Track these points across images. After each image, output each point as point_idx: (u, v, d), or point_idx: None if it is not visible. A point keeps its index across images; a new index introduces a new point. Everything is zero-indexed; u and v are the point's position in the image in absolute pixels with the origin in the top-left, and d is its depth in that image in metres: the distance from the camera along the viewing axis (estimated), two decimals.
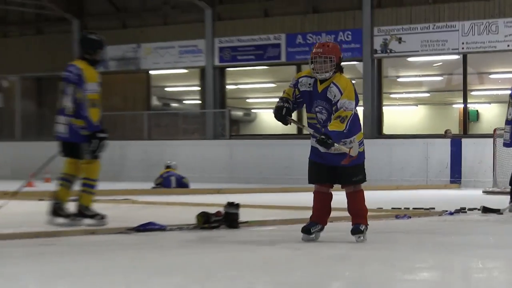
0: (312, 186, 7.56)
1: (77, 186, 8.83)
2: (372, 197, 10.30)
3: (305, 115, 7.17)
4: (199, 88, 26.29)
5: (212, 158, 23.32)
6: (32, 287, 5.03)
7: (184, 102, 29.50)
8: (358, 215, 6.94)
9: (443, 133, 22.07)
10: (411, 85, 26.25)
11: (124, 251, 6.76)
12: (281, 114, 6.70)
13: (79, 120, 8.61)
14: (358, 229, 6.79)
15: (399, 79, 25.70)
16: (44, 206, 8.84)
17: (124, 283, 4.93)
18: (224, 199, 9.84)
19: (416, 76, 24.90)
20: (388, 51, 22.24)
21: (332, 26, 23.21)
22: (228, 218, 9.03)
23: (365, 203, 7.08)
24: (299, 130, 22.41)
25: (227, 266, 5.78)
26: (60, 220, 8.48)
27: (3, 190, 13.08)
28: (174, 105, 29.27)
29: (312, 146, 6.98)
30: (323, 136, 6.54)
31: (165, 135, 26.10)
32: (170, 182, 18.41)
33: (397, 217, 10.50)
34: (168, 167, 19.14)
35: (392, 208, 11.36)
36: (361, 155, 6.80)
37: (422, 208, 11.47)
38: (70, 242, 7.45)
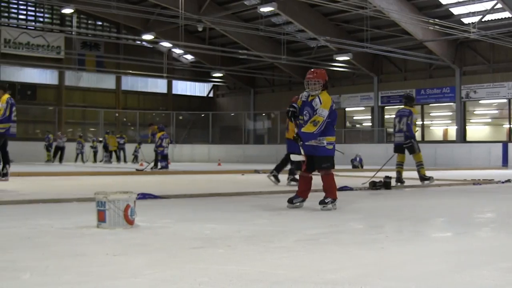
0: None
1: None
2: (464, 174, 16.41)
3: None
4: (370, 117, 41.25)
5: (376, 153, 34.67)
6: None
7: (363, 124, 43.91)
8: (327, 191, 8.42)
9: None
10: (481, 115, 38.09)
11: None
12: (289, 115, 8.46)
13: None
14: (323, 201, 8.30)
15: (475, 112, 37.80)
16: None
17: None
18: (383, 174, 13.83)
19: (483, 110, 37.06)
20: (469, 97, 35.69)
21: (439, 84, 37.09)
22: (385, 184, 12.88)
23: (335, 183, 8.54)
24: (422, 136, 38.16)
25: (383, 208, 9.10)
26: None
27: None
28: (358, 125, 44.19)
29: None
30: (295, 135, 8.41)
31: (352, 142, 39.23)
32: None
33: (474, 183, 14.83)
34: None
35: (472, 179, 15.91)
36: (331, 151, 8.43)
37: (488, 179, 15.70)
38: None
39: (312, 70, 8.64)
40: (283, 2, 32.66)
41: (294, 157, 8.73)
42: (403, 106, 14.59)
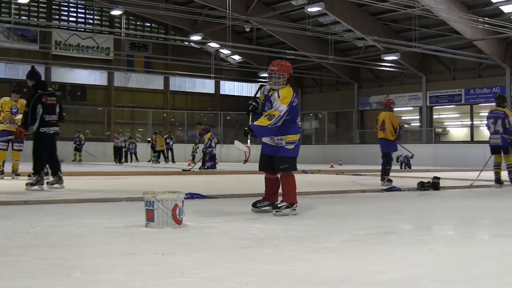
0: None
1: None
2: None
3: None
4: (419, 117, 40.90)
5: (424, 153, 34.90)
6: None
7: (411, 124, 43.55)
8: (285, 194, 7.64)
9: None
10: None
11: (381, 200, 10.57)
12: (247, 110, 7.70)
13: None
14: (276, 206, 7.53)
15: None
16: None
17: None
18: (431, 174, 14.16)
19: None
20: None
21: (489, 84, 36.65)
22: (434, 185, 12.73)
23: (295, 186, 7.71)
24: (471, 136, 37.57)
25: (432, 209, 9.21)
26: None
27: None
28: (406, 125, 43.27)
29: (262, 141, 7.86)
30: (246, 128, 7.41)
31: (400, 142, 40.81)
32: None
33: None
34: None
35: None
36: (292, 151, 7.64)
37: None
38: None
39: (277, 61, 7.79)
40: (331, 2, 32.55)
41: (237, 144, 7.66)
42: (495, 107, 14.53)
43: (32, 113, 11.04)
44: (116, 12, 37.75)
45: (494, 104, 14.82)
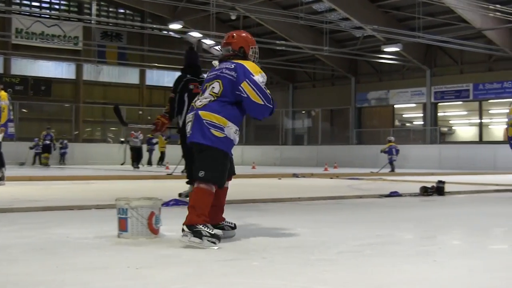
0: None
1: None
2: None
3: None
4: (422, 115, 41.00)
5: (429, 155, 36.04)
6: None
7: (413, 123, 43.94)
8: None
9: None
10: None
11: (379, 207, 10.33)
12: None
13: None
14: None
15: None
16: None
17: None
18: (435, 178, 13.76)
19: None
20: None
21: (500, 78, 36.65)
22: (438, 190, 12.79)
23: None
24: (480, 136, 37.95)
25: (436, 216, 9.05)
26: None
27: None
28: (408, 124, 44.19)
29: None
30: None
31: (401, 142, 36.61)
32: (391, 151, 28.00)
33: None
34: (389, 141, 28.67)
35: None
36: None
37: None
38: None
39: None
40: None
41: None
42: None
43: None
44: None
45: None
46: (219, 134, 6.01)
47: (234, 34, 6.54)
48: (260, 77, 6.31)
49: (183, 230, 5.77)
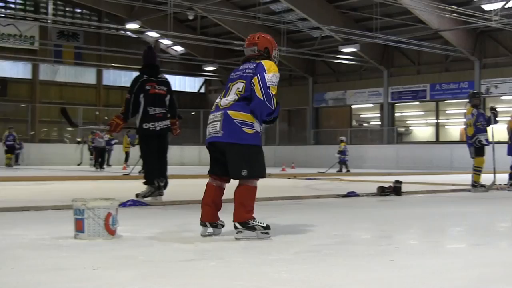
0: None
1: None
2: (486, 178, 15.00)
3: None
4: (379, 115, 41.18)
5: (386, 155, 36.46)
6: None
7: (371, 123, 43.96)
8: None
9: None
10: (503, 112, 35.16)
11: (337, 207, 10.68)
12: None
13: None
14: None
15: (496, 109, 37.58)
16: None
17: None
18: (392, 178, 13.83)
19: (505, 106, 34.31)
20: (490, 93, 35.32)
21: (457, 79, 36.94)
22: (395, 190, 12.88)
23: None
24: (437, 136, 38.40)
25: (393, 216, 8.94)
26: None
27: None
28: (365, 124, 44.23)
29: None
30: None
31: (359, 142, 39.55)
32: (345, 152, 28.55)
33: (497, 189, 15.22)
34: (342, 141, 29.05)
35: (499, 184, 15.65)
36: None
37: None
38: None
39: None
40: None
41: None
42: None
43: None
44: None
45: None
46: (250, 130, 6.28)
47: (259, 36, 6.85)
48: (271, 76, 6.55)
49: (235, 227, 6.15)
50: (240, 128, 6.19)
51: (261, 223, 6.18)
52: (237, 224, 6.14)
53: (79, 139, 37.91)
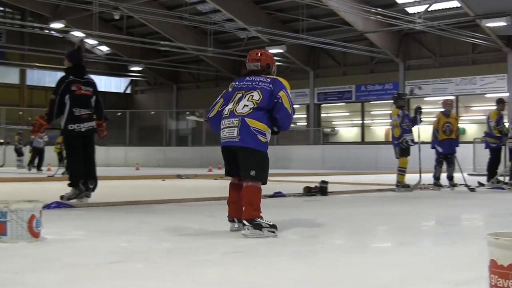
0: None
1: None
2: (411, 178, 15.44)
3: None
4: (305, 116, 41.46)
5: (312, 155, 36.50)
6: None
7: (297, 123, 43.31)
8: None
9: None
10: (427, 113, 33.23)
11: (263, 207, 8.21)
12: None
13: None
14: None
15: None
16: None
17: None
18: (319, 178, 13.88)
19: (429, 108, 33.42)
20: (414, 94, 35.70)
21: (381, 80, 37.59)
22: (321, 190, 12.95)
23: None
24: (362, 137, 39.00)
25: (319, 216, 8.94)
26: None
27: None
28: (292, 125, 45.66)
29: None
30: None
31: (285, 143, 38.88)
32: None
33: (421, 188, 15.57)
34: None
35: (422, 184, 15.95)
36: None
37: (439, 184, 16.23)
38: None
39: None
40: None
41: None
42: None
43: None
44: None
45: None
46: (263, 139, 6.81)
47: (262, 53, 7.42)
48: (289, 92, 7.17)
49: (243, 224, 6.60)
50: (256, 136, 6.72)
51: (268, 221, 6.61)
52: (245, 222, 6.60)
53: (1, 140, 37.21)
